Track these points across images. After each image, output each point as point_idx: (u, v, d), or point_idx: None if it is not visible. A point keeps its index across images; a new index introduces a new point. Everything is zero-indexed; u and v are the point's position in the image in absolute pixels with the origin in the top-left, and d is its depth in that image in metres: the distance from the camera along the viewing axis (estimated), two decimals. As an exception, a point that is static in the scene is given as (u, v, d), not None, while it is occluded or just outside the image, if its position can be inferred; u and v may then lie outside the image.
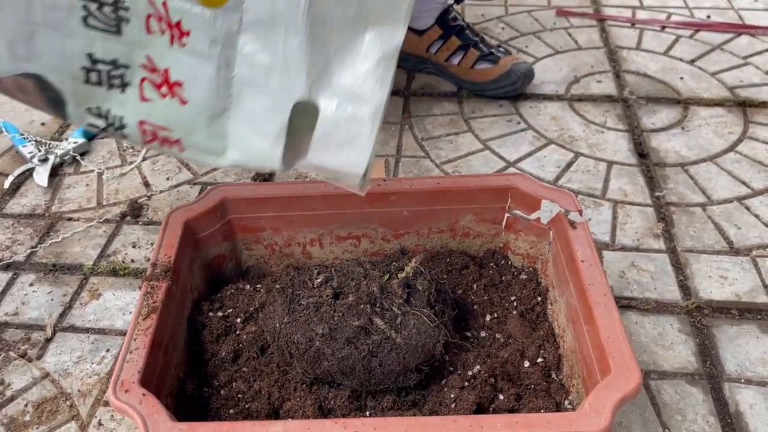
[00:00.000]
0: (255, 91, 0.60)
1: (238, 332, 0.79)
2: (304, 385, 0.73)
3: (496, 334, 0.80)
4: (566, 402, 0.71)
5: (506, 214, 0.88)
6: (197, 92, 0.60)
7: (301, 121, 0.61)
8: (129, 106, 0.61)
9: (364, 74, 0.59)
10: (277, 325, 0.76)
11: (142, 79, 0.60)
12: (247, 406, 0.72)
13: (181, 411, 0.70)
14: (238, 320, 0.81)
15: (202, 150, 0.64)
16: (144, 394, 0.61)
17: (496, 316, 0.83)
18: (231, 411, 0.72)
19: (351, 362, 0.68)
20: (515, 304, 0.83)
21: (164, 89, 0.60)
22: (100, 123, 0.63)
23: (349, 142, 0.61)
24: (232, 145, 0.63)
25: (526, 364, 0.75)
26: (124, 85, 0.60)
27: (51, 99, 0.62)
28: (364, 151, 0.61)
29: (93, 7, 0.57)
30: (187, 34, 0.58)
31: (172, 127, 0.62)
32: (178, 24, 0.57)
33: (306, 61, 0.58)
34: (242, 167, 0.67)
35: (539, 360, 0.75)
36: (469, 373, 0.73)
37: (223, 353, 0.77)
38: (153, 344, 0.66)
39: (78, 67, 0.59)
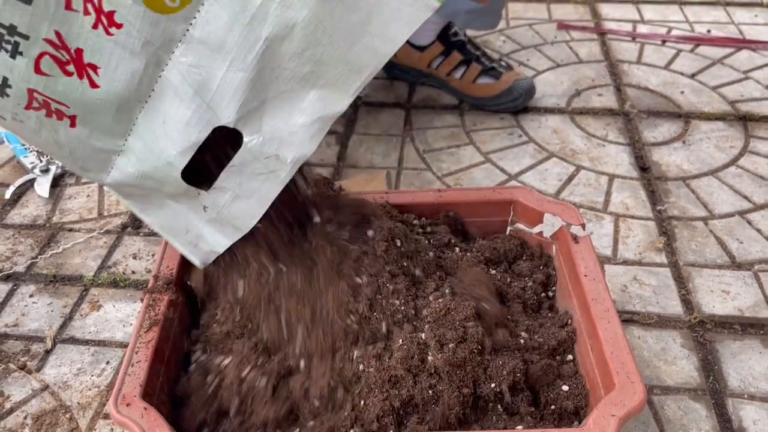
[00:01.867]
0: (177, 100, 0.57)
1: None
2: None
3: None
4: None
5: (509, 228, 0.87)
6: (114, 81, 0.56)
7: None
8: (17, 73, 0.55)
9: (297, 126, 0.58)
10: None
11: (42, 53, 0.54)
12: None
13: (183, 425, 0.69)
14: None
15: (99, 130, 0.59)
16: (146, 408, 0.60)
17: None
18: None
19: None
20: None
21: (70, 68, 0.55)
22: None
23: (265, 175, 0.60)
24: (137, 134, 0.60)
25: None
26: (15, 53, 0.54)
27: None
28: (276, 187, 0.61)
29: None
30: (119, 26, 0.53)
31: (72, 105, 0.57)
32: (110, 14, 0.53)
33: (242, 95, 0.56)
34: (134, 173, 0.61)
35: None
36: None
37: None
38: (155, 357, 0.66)
39: None
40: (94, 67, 0.55)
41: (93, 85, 0.56)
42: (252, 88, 0.56)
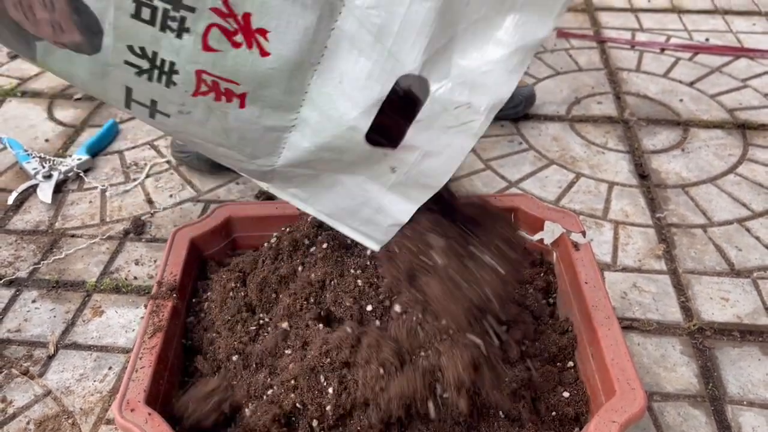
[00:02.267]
0: (355, 52, 0.51)
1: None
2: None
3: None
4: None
5: (509, 235, 0.88)
6: (286, 44, 0.50)
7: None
8: (184, 54, 0.51)
9: (493, 62, 0.50)
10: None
11: (209, 26, 0.49)
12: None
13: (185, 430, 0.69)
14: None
15: (270, 105, 0.54)
16: (149, 414, 0.61)
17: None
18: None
19: None
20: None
21: (239, 38, 0.50)
22: (143, 64, 0.52)
23: (456, 128, 0.53)
24: (311, 103, 0.54)
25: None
26: (182, 30, 0.49)
27: (84, 24, 0.51)
28: (471, 139, 0.53)
29: None
30: None
31: (242, 80, 0.52)
32: None
33: (429, 32, 0.48)
34: (310, 147, 0.55)
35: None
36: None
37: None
38: (158, 363, 0.66)
39: None
40: (264, 32, 0.50)
41: (263, 53, 0.50)
42: (440, 22, 0.48)
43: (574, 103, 1.41)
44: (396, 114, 0.56)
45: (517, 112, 1.32)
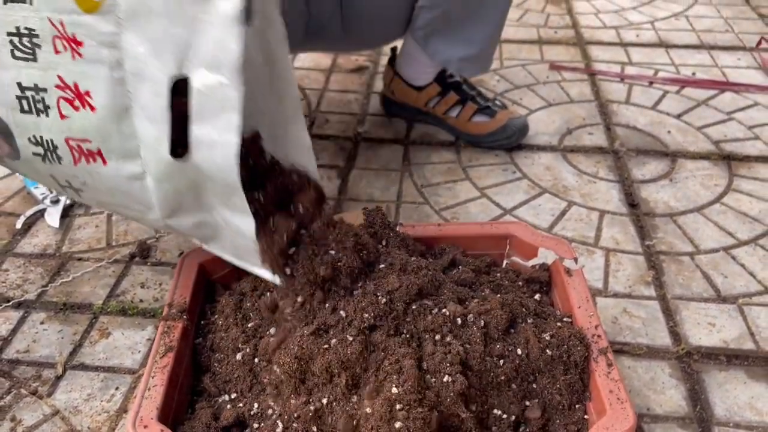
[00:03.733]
0: (142, 81, 0.63)
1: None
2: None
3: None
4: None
5: (505, 260, 0.92)
6: (101, 96, 0.64)
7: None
8: (54, 128, 0.66)
9: (216, 41, 0.60)
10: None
11: (58, 99, 0.65)
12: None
13: None
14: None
15: (120, 156, 0.67)
16: (162, 430, 0.63)
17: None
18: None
19: None
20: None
21: (77, 102, 0.65)
22: (40, 150, 0.68)
23: (221, 108, 0.62)
24: (143, 143, 0.66)
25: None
26: (46, 108, 0.66)
27: (3, 133, 0.68)
28: (235, 112, 0.62)
29: (16, 40, 0.64)
30: (81, 44, 0.63)
31: (90, 136, 0.66)
32: (73, 37, 0.63)
33: (170, 40, 0.61)
34: (155, 181, 0.68)
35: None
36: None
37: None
38: (170, 382, 0.69)
39: (13, 97, 0.66)
40: (88, 93, 0.64)
41: (93, 108, 0.65)
42: (174, 30, 0.61)
43: (566, 133, 1.45)
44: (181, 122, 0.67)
45: (510, 142, 1.37)
